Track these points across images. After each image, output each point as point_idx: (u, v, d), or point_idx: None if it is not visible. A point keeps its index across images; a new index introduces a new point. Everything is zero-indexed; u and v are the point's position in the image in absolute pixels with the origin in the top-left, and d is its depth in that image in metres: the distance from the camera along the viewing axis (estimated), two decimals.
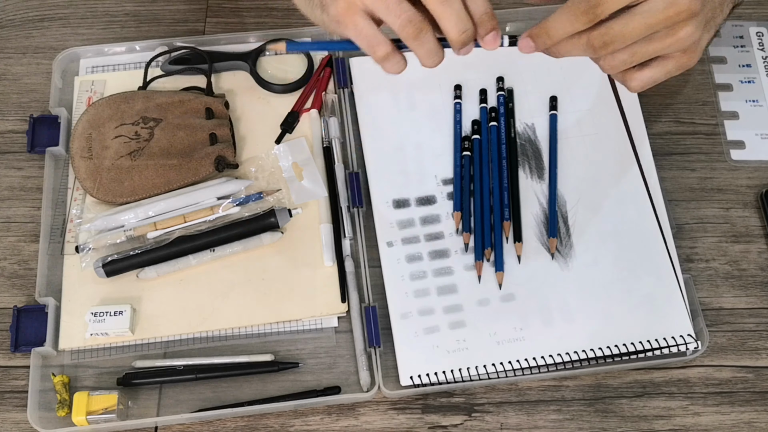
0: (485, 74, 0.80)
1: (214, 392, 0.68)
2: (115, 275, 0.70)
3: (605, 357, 0.68)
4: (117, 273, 0.70)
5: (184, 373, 0.68)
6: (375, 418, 0.67)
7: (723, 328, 0.71)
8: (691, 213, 0.75)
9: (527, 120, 0.78)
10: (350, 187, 0.75)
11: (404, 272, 0.71)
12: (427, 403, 0.68)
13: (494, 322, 0.69)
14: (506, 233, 0.73)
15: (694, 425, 0.67)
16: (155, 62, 0.79)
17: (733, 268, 0.73)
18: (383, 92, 0.79)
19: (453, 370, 0.67)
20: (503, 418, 0.67)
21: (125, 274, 0.71)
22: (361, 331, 0.69)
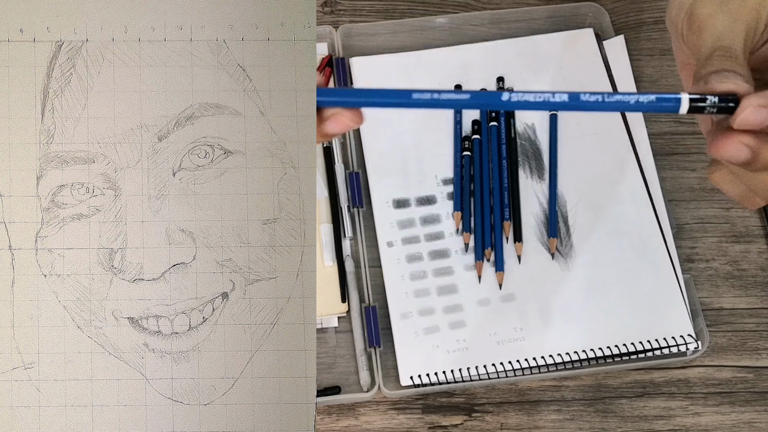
0: (485, 74, 0.80)
1: None
2: None
3: (605, 357, 0.68)
4: None
5: None
6: (375, 418, 0.67)
7: (723, 328, 0.71)
8: (691, 213, 0.75)
9: (527, 120, 0.78)
10: (350, 187, 0.75)
11: (404, 272, 0.71)
12: (427, 403, 0.68)
13: (494, 322, 0.69)
14: (506, 233, 0.73)
15: (694, 425, 0.67)
16: None
17: (733, 268, 0.73)
18: None
19: (453, 370, 0.67)
20: (503, 418, 0.67)
21: None
22: (361, 331, 0.69)
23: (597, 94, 0.42)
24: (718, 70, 0.45)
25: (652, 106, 0.42)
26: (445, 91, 0.43)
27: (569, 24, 0.83)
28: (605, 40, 0.81)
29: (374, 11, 0.85)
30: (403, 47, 0.81)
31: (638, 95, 0.42)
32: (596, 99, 0.42)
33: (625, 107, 0.42)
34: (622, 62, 0.80)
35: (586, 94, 0.43)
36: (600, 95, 0.42)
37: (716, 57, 0.46)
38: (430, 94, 0.43)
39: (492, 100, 0.46)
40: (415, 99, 0.42)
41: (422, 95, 0.43)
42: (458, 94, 0.44)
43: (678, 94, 0.43)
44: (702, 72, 0.46)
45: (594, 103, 0.43)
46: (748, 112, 0.42)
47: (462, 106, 0.44)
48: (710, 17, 0.48)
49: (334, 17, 0.84)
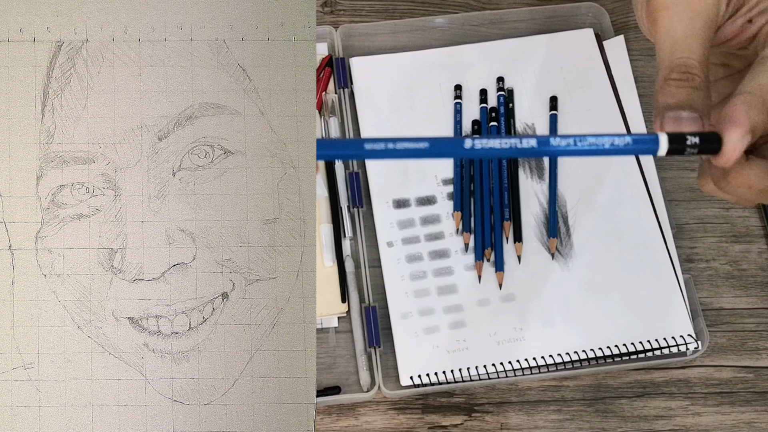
0: (485, 74, 0.80)
1: None
2: None
3: (605, 357, 0.68)
4: None
5: None
6: (375, 418, 0.67)
7: (723, 328, 0.71)
8: (691, 213, 0.75)
9: (527, 120, 0.78)
10: (350, 187, 0.75)
11: (404, 272, 0.71)
12: (427, 403, 0.68)
13: (494, 322, 0.69)
14: (506, 233, 0.73)
15: (695, 425, 0.67)
16: None
17: (733, 268, 0.73)
18: (383, 92, 0.79)
19: (453, 370, 0.67)
20: (503, 418, 0.67)
21: None
22: (361, 331, 0.69)
23: (568, 137, 0.39)
24: (673, 106, 0.43)
25: (628, 149, 0.39)
26: (400, 140, 0.38)
27: (569, 24, 0.83)
28: (605, 40, 0.81)
29: (374, 11, 0.85)
30: (403, 47, 0.81)
31: (613, 137, 0.39)
32: (567, 143, 0.39)
33: (599, 151, 0.39)
34: (622, 62, 0.80)
35: (556, 138, 0.39)
36: (572, 138, 0.39)
37: (672, 83, 0.44)
38: (384, 143, 0.38)
39: (453, 148, 0.40)
40: (368, 149, 0.39)
41: (375, 145, 0.38)
42: (416, 142, 0.39)
43: (655, 135, 0.40)
44: (660, 101, 0.44)
45: (565, 148, 0.39)
46: (737, 151, 0.41)
47: (420, 155, 0.39)
48: (666, 10, 0.46)
49: (334, 17, 0.84)
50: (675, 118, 0.43)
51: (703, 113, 0.42)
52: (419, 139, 0.38)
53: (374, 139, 0.38)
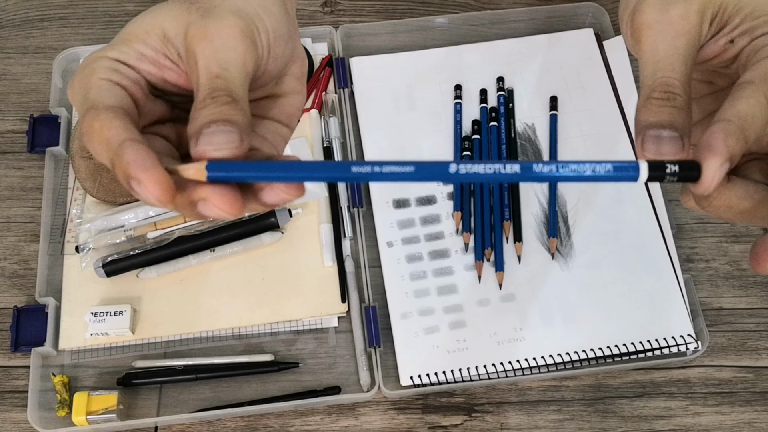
0: (485, 74, 0.80)
1: (214, 392, 0.68)
2: (115, 275, 0.70)
3: (605, 357, 0.68)
4: (117, 273, 0.70)
5: (184, 373, 0.68)
6: (375, 418, 0.67)
7: (723, 328, 0.71)
8: (691, 213, 0.75)
9: (527, 120, 0.78)
10: (350, 187, 0.75)
11: (404, 272, 0.71)
12: (427, 403, 0.68)
13: (494, 322, 0.69)
14: (506, 233, 0.73)
15: (694, 425, 0.67)
16: None
17: (733, 268, 0.73)
18: (383, 92, 0.79)
19: (453, 370, 0.67)
20: (503, 418, 0.67)
21: (125, 274, 0.71)
22: (361, 331, 0.69)
23: (551, 164, 0.39)
24: (654, 124, 0.43)
25: (609, 176, 0.39)
26: (386, 163, 0.37)
27: (569, 24, 0.83)
28: (605, 40, 0.81)
29: (374, 11, 0.85)
30: (403, 47, 0.81)
31: (594, 164, 0.39)
32: (550, 170, 0.39)
33: (580, 178, 0.39)
34: (622, 62, 0.80)
35: (539, 164, 0.39)
36: (554, 165, 0.39)
37: (654, 102, 0.44)
38: (370, 167, 0.37)
39: (439, 173, 0.39)
40: (354, 173, 0.38)
41: (362, 168, 0.37)
42: (402, 166, 0.38)
43: (636, 163, 0.40)
44: (641, 119, 0.44)
45: (548, 174, 0.39)
46: (716, 179, 0.41)
47: (406, 179, 0.38)
48: (649, 29, 0.45)
49: (334, 17, 0.84)
50: (656, 137, 0.43)
51: (683, 133, 0.43)
52: (405, 163, 0.38)
53: (360, 162, 0.38)
